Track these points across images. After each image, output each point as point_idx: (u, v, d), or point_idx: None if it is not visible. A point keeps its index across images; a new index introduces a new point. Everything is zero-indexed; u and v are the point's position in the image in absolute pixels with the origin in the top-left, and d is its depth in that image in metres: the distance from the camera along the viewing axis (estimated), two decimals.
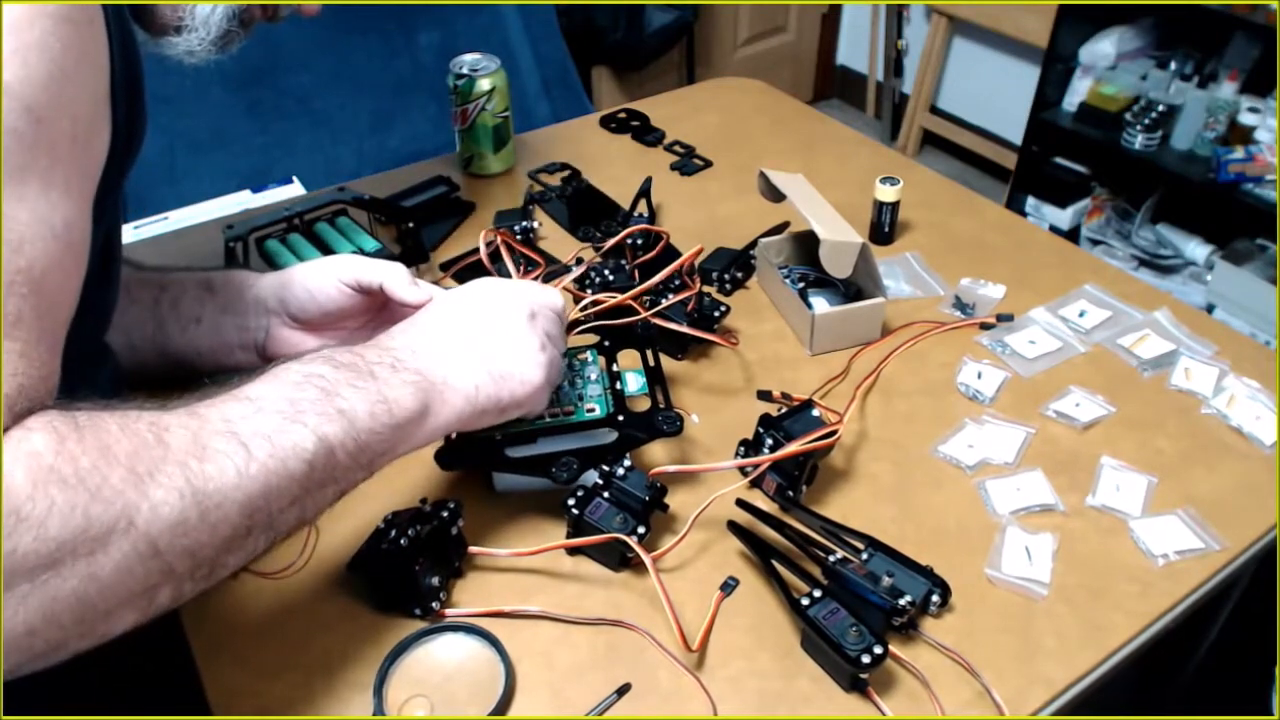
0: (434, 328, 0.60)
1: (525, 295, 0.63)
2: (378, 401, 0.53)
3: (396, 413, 0.54)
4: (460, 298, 0.63)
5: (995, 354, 0.85)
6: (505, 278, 0.69)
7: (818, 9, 3.06)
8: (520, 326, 0.61)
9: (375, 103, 1.89)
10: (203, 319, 0.73)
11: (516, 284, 0.65)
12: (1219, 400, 0.79)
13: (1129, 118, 2.14)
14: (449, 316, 0.61)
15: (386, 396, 0.53)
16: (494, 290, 0.63)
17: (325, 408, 0.50)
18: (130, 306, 0.72)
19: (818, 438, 0.66)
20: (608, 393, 0.69)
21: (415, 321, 0.61)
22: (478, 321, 0.61)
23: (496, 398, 0.59)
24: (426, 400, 0.56)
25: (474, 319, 0.61)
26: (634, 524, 0.63)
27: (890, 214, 0.98)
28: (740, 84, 1.36)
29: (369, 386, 0.53)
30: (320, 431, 0.49)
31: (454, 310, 0.62)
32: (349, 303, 0.71)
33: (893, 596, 0.58)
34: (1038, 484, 0.72)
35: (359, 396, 0.52)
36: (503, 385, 0.59)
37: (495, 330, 0.60)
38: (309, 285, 0.71)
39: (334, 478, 0.51)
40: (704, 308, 0.83)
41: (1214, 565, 0.67)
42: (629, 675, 0.59)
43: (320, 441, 0.49)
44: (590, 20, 2.33)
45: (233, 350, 0.74)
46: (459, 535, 0.64)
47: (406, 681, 0.58)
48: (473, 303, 0.63)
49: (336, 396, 0.51)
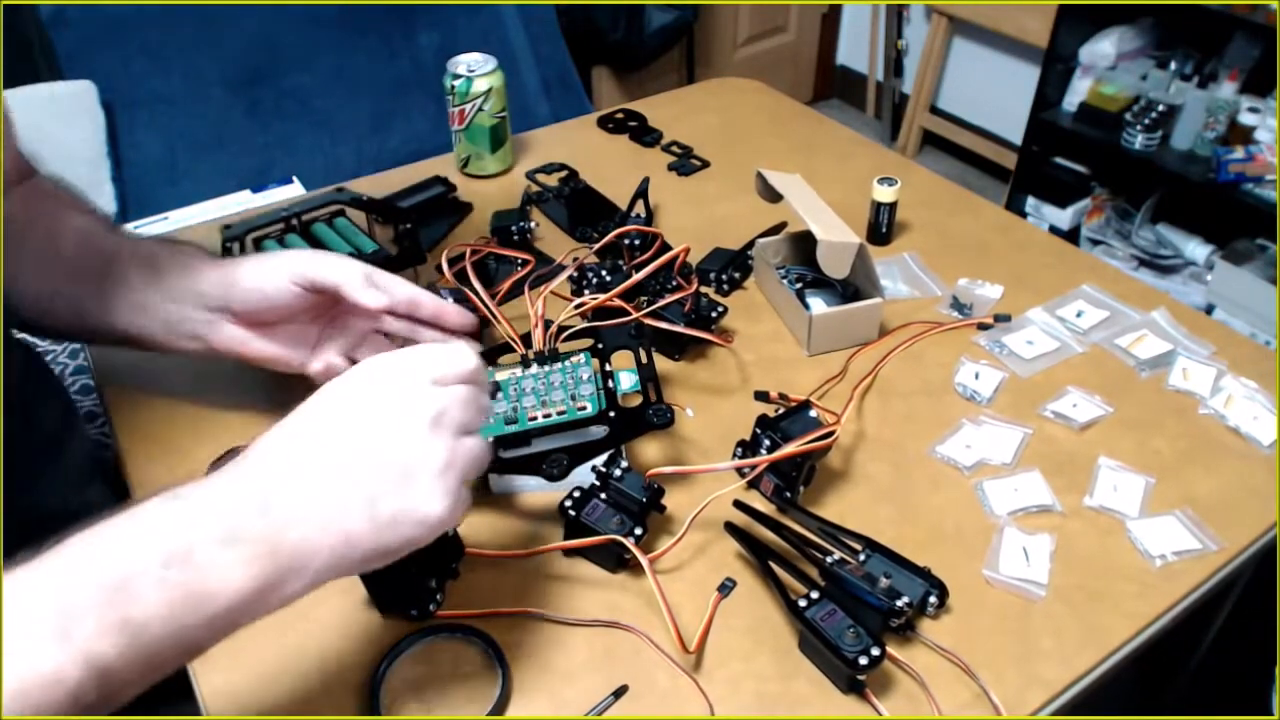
0: (301, 457, 0.46)
1: (425, 388, 0.49)
2: (189, 597, 0.41)
3: (220, 601, 0.42)
4: (341, 402, 0.48)
5: (993, 354, 0.84)
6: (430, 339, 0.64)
7: (818, 9, 3.06)
8: (418, 441, 0.47)
9: (375, 103, 1.90)
10: (147, 306, 0.68)
11: (413, 366, 0.49)
12: (1217, 400, 0.79)
13: (1129, 118, 2.14)
14: (324, 436, 0.47)
15: (204, 590, 0.41)
16: (384, 388, 0.48)
17: (107, 616, 0.39)
18: (76, 281, 0.69)
19: (815, 438, 0.66)
20: (600, 391, 0.69)
21: (278, 447, 0.47)
22: (361, 442, 0.46)
23: (379, 548, 0.46)
24: (270, 578, 0.43)
25: (356, 438, 0.46)
26: (631, 525, 0.63)
27: (888, 214, 0.98)
28: (738, 84, 1.36)
29: (181, 579, 0.41)
30: (92, 653, 0.38)
31: (331, 425, 0.47)
32: (300, 303, 0.67)
33: (890, 598, 0.58)
34: (1035, 484, 0.72)
35: (161, 596, 0.40)
36: (389, 532, 0.46)
37: (383, 454, 0.46)
38: (260, 284, 0.67)
39: (114, 695, 0.40)
40: (701, 308, 0.83)
41: (1212, 566, 0.66)
42: (626, 677, 0.59)
43: (88, 667, 0.38)
44: (590, 20, 2.33)
45: (180, 340, 0.70)
46: (455, 537, 0.64)
47: (403, 683, 0.58)
48: (356, 410, 0.48)
49: (129, 598, 0.39)
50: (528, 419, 0.67)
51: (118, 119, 1.68)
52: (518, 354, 0.73)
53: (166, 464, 0.74)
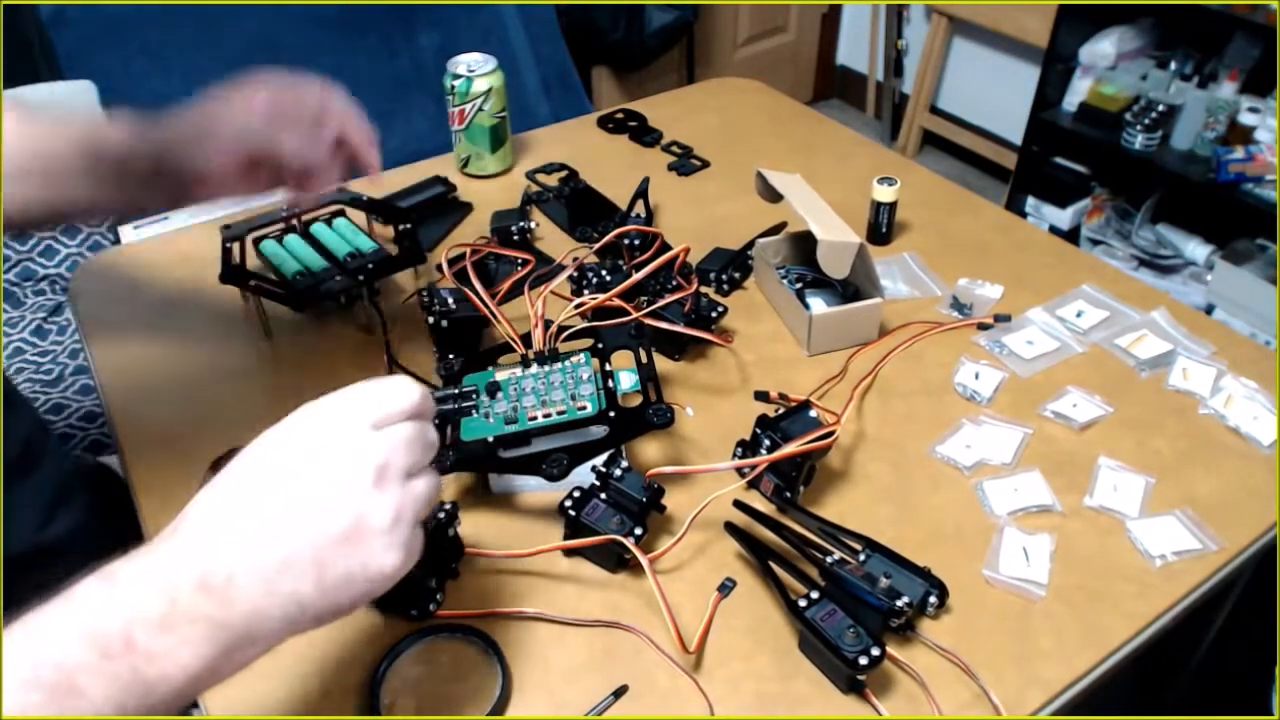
0: (240, 523, 0.42)
1: (364, 436, 0.45)
2: (136, 684, 0.39)
3: (172, 684, 0.40)
4: (277, 458, 0.45)
5: (993, 354, 0.84)
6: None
7: (818, 9, 3.06)
8: (362, 498, 0.44)
9: (375, 103, 1.88)
10: (96, 204, 0.69)
11: (350, 412, 0.46)
12: (1216, 400, 0.79)
13: (1129, 118, 2.14)
14: (262, 498, 0.43)
15: (152, 675, 0.39)
16: (321, 440, 0.45)
17: (55, 715, 0.37)
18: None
19: (815, 438, 0.66)
20: (600, 391, 0.69)
21: (213, 511, 0.43)
22: (302, 503, 0.43)
23: (331, 607, 0.44)
24: (221, 652, 0.41)
25: (296, 498, 0.43)
26: (631, 525, 0.63)
27: (888, 214, 0.98)
28: (738, 84, 1.36)
29: (125, 668, 0.39)
30: None
31: (268, 486, 0.44)
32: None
33: (890, 598, 0.58)
34: (1035, 484, 0.72)
35: (107, 690, 0.38)
36: (340, 592, 0.43)
37: (327, 515, 0.43)
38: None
39: None
40: (701, 308, 0.83)
41: (1212, 566, 0.66)
42: (626, 677, 0.59)
43: None
44: (590, 20, 2.33)
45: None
46: (456, 537, 0.64)
47: (403, 683, 0.58)
48: (294, 468, 0.44)
49: (74, 695, 0.38)
50: (528, 419, 0.67)
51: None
52: (518, 354, 0.73)
53: (166, 464, 0.74)
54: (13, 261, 1.56)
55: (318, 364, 0.85)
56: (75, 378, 1.43)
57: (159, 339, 0.88)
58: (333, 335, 0.88)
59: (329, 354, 0.86)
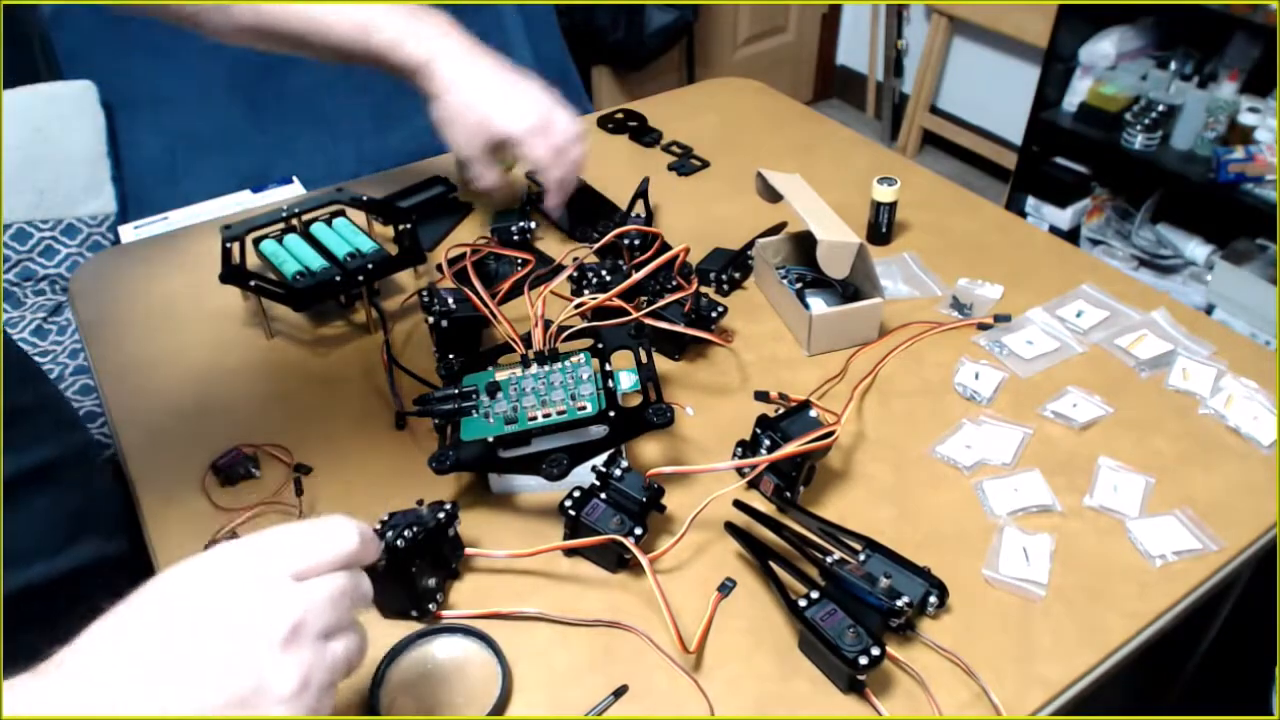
0: (131, 669, 0.38)
1: (281, 590, 0.41)
2: None
3: None
4: (182, 604, 0.40)
5: (993, 354, 0.84)
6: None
7: (818, 9, 3.06)
8: (264, 664, 0.39)
9: (376, 102, 1.89)
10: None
11: (271, 559, 0.42)
12: (1216, 400, 0.79)
13: (1129, 118, 2.14)
14: (156, 645, 0.39)
15: None
16: (233, 590, 0.41)
17: None
18: None
19: (815, 438, 0.66)
20: (600, 391, 0.69)
21: (105, 653, 0.39)
22: (198, 658, 0.39)
23: None
24: None
25: (193, 652, 0.39)
26: (631, 525, 0.63)
27: (887, 214, 0.98)
28: (738, 84, 1.36)
29: None
30: None
31: (167, 633, 0.39)
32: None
33: (890, 597, 0.58)
34: (1035, 484, 0.72)
35: None
36: None
37: (223, 679, 0.39)
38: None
39: None
40: (701, 308, 0.83)
41: (1212, 566, 0.66)
42: (626, 677, 0.59)
43: None
44: (590, 20, 2.33)
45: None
46: (456, 537, 0.64)
47: (403, 683, 0.58)
48: (197, 617, 0.40)
49: None
50: (528, 419, 0.67)
51: (118, 119, 1.68)
52: (518, 354, 0.73)
53: (167, 464, 0.74)
54: (13, 261, 1.56)
55: (318, 364, 0.85)
56: (75, 378, 1.43)
57: (159, 339, 0.88)
58: (333, 335, 0.88)
59: (329, 354, 0.86)
